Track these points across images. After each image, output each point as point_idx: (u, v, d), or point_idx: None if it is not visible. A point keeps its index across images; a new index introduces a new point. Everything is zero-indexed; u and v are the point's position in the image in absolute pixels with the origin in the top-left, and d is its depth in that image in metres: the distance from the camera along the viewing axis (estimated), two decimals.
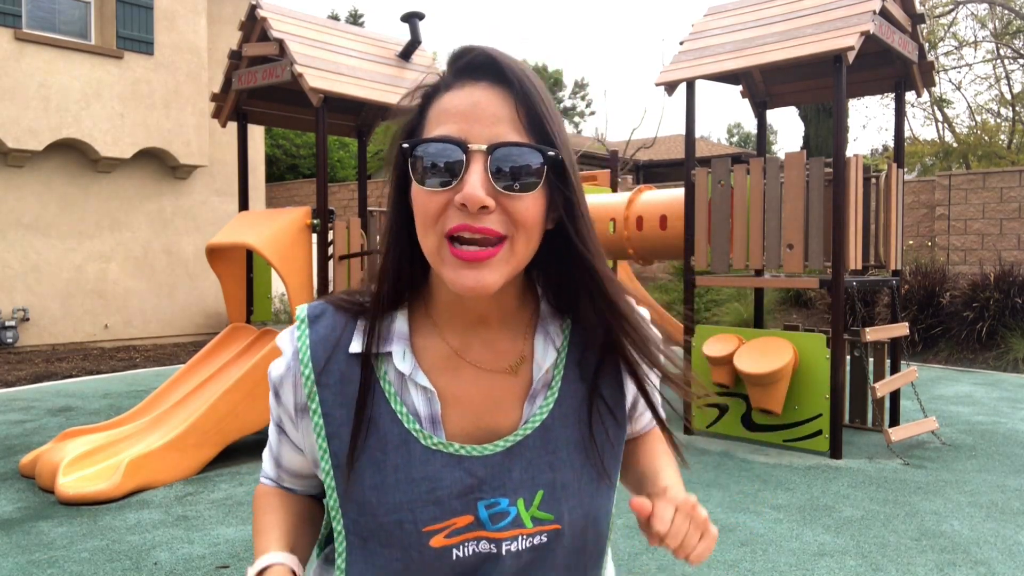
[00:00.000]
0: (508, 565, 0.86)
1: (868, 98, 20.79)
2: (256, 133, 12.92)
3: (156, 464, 4.42)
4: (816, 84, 6.06)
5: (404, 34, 6.14)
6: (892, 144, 12.27)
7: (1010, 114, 19.25)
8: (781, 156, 5.70)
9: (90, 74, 10.33)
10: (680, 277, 11.36)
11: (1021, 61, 18.53)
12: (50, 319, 10.44)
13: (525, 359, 0.91)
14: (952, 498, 4.11)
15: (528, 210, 0.81)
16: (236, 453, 5.01)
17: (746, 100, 6.32)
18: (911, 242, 11.55)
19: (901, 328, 5.27)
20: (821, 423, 4.91)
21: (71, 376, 8.50)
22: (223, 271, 5.78)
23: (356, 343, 0.89)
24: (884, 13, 4.99)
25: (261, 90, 5.79)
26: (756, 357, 4.97)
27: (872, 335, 5.00)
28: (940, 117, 20.02)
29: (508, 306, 0.91)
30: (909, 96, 9.95)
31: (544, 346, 0.92)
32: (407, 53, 6.07)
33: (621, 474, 1.02)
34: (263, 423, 4.94)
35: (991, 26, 18.36)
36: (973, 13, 18.18)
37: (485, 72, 0.83)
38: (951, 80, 23.56)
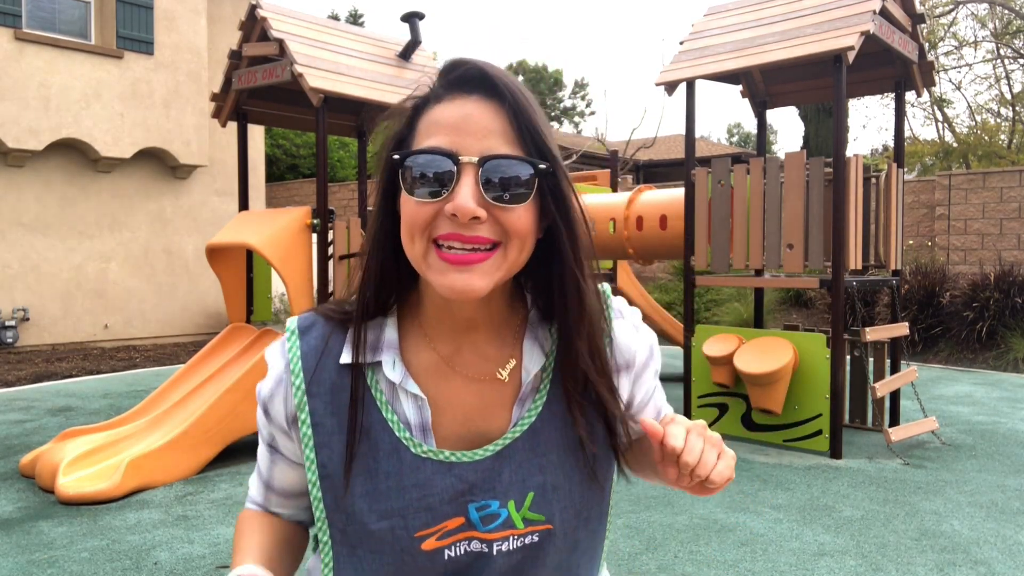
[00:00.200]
0: (499, 564, 0.87)
1: (868, 98, 20.80)
2: (256, 133, 12.92)
3: (156, 464, 4.42)
4: (816, 84, 6.06)
5: (404, 34, 6.15)
6: (892, 144, 12.27)
7: (1010, 114, 19.25)
8: (781, 156, 5.70)
9: (90, 74, 10.33)
10: (680, 277, 11.36)
11: (1021, 61, 18.53)
12: (50, 319, 10.44)
13: (514, 365, 0.91)
14: (952, 498, 4.11)
15: (519, 220, 0.82)
16: (236, 453, 5.01)
17: (746, 100, 6.32)
18: (911, 242, 11.55)
19: (901, 328, 5.27)
20: (821, 423, 4.92)
21: (71, 376, 8.50)
22: (223, 271, 5.78)
23: (346, 353, 0.90)
24: (884, 13, 4.99)
25: (261, 90, 5.79)
26: (756, 357, 4.97)
27: (872, 335, 5.00)
28: (940, 117, 20.04)
29: (497, 312, 0.92)
30: (909, 96, 9.96)
31: (532, 351, 0.92)
32: (407, 53, 6.07)
33: (642, 469, 1.03)
34: None
35: (991, 26, 18.36)
36: (973, 13, 18.19)
37: (477, 85, 0.83)
38: (951, 80, 23.56)
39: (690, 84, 5.52)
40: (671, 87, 5.56)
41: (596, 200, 6.71)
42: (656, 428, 0.82)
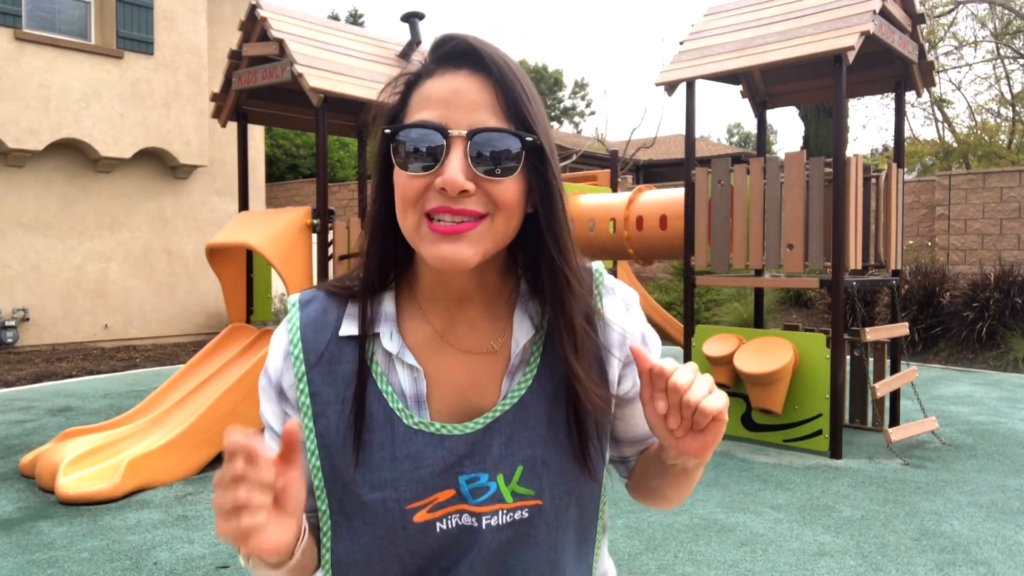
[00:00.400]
0: (488, 539, 0.87)
1: (868, 98, 20.80)
2: (256, 133, 12.92)
3: (156, 464, 4.41)
4: (816, 84, 6.06)
5: (404, 34, 6.15)
6: (892, 144, 12.27)
7: (1010, 114, 19.26)
8: (781, 156, 5.70)
9: (90, 74, 10.33)
10: (680, 277, 11.37)
11: (1021, 61, 18.53)
12: (50, 319, 10.44)
13: (506, 338, 0.92)
14: (952, 498, 4.11)
15: (508, 192, 0.83)
16: None
17: (746, 100, 6.32)
18: (911, 242, 11.55)
19: (901, 328, 5.27)
20: (821, 423, 4.91)
21: (71, 376, 8.50)
22: (223, 271, 5.78)
23: (348, 325, 0.91)
24: (884, 13, 4.99)
25: (261, 90, 5.79)
26: (756, 357, 4.97)
27: (872, 335, 5.00)
28: (940, 117, 20.04)
29: (490, 285, 0.93)
30: (909, 96, 9.96)
31: (522, 323, 0.93)
32: (407, 53, 6.07)
33: (641, 487, 1.02)
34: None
35: (991, 26, 18.37)
36: (973, 13, 18.19)
37: (466, 60, 0.84)
38: (951, 80, 23.57)
39: (690, 84, 5.52)
40: (671, 87, 5.56)
41: (596, 200, 6.71)
42: (645, 354, 0.81)
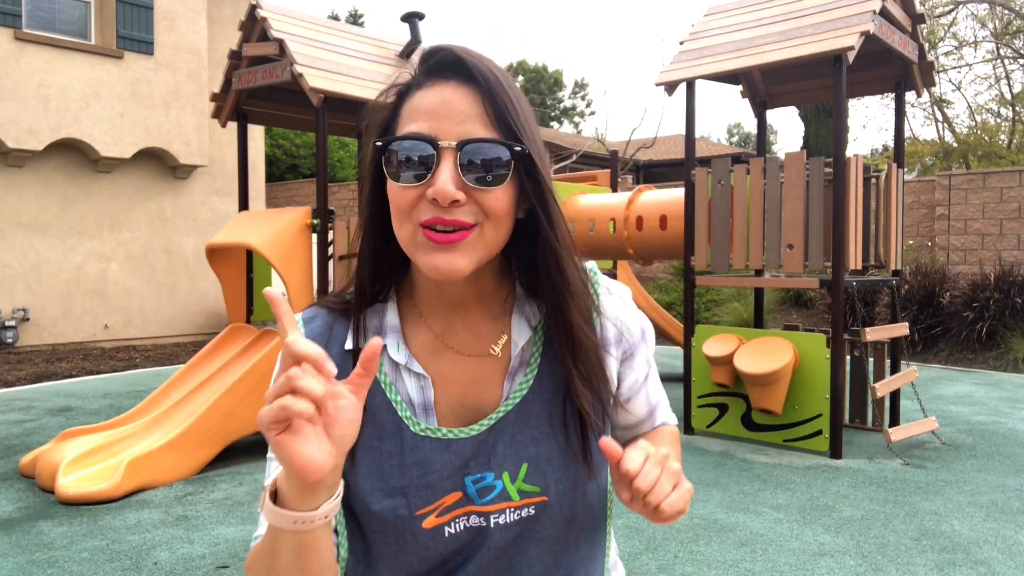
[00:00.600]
0: (497, 538, 0.88)
1: (868, 98, 20.80)
2: (256, 133, 12.92)
3: (156, 464, 4.42)
4: (816, 84, 6.06)
5: (404, 34, 6.15)
6: (892, 144, 12.27)
7: (1010, 114, 19.26)
8: (781, 156, 5.70)
9: (90, 74, 10.33)
10: (680, 277, 11.37)
11: (1021, 61, 18.53)
12: (50, 319, 10.44)
13: (505, 340, 0.94)
14: (952, 498, 4.11)
15: (498, 201, 0.84)
16: (236, 453, 5.01)
17: (746, 100, 6.32)
18: (911, 242, 11.56)
19: (901, 328, 5.27)
20: (821, 423, 4.92)
21: (71, 376, 8.50)
22: (223, 271, 5.78)
23: (350, 340, 0.93)
24: (884, 13, 4.99)
25: (261, 90, 5.79)
26: (756, 357, 4.97)
27: (872, 335, 5.00)
28: (940, 117, 20.05)
29: (485, 289, 0.95)
30: (909, 96, 9.96)
31: (520, 325, 0.95)
32: (407, 53, 6.07)
33: (618, 485, 1.02)
34: None
35: (991, 26, 18.37)
36: (973, 13, 18.20)
37: (454, 71, 0.86)
38: (951, 80, 23.57)
39: (690, 84, 5.52)
40: (671, 87, 5.56)
41: (596, 200, 6.71)
42: (615, 449, 0.82)
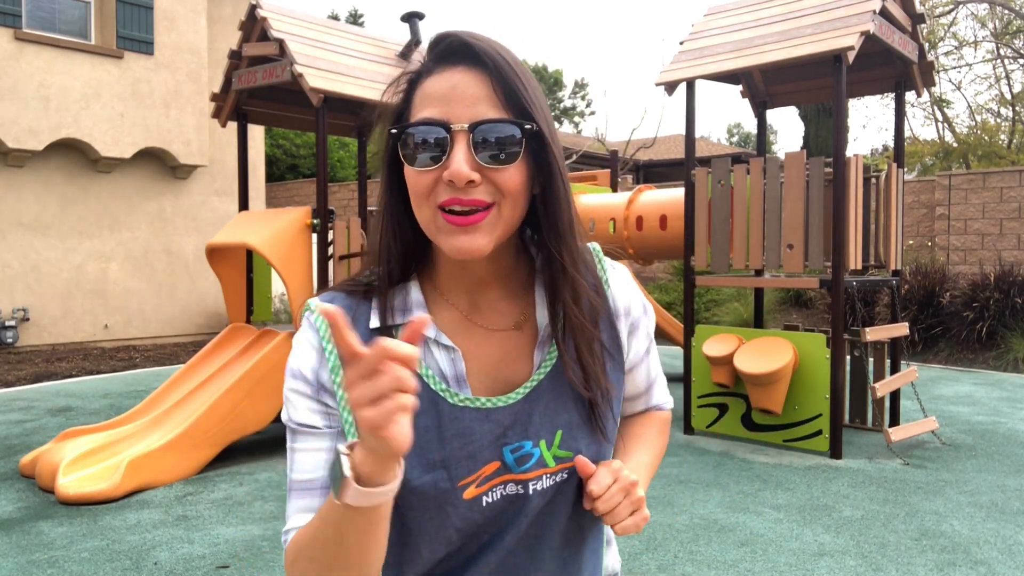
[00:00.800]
0: (536, 504, 0.92)
1: (868, 98, 20.80)
2: (256, 133, 12.92)
3: (156, 464, 4.42)
4: (816, 84, 6.06)
5: (404, 34, 6.15)
6: (892, 144, 12.27)
7: (1010, 114, 19.26)
8: (781, 156, 5.70)
9: (90, 74, 10.33)
10: (680, 277, 11.36)
11: (1021, 61, 18.53)
12: (50, 319, 10.44)
13: (529, 314, 0.97)
14: (952, 498, 4.11)
15: (512, 179, 0.86)
16: (236, 453, 5.01)
17: (746, 100, 6.32)
18: (911, 242, 11.55)
19: (901, 328, 5.27)
20: (821, 423, 4.91)
21: (71, 376, 8.50)
22: (223, 271, 5.78)
23: (375, 318, 0.94)
24: (884, 13, 4.99)
25: (261, 90, 5.79)
26: (756, 357, 4.97)
27: (872, 335, 5.00)
28: (940, 117, 20.04)
29: (505, 267, 0.97)
30: (909, 96, 9.96)
31: (543, 300, 0.97)
32: (407, 53, 6.07)
33: (585, 496, 1.05)
34: (263, 423, 4.94)
35: (991, 26, 18.37)
36: (973, 13, 18.19)
37: (462, 56, 0.88)
38: (951, 80, 23.58)
39: (690, 84, 5.52)
40: (671, 87, 5.56)
41: (596, 200, 6.71)
42: (588, 467, 0.90)
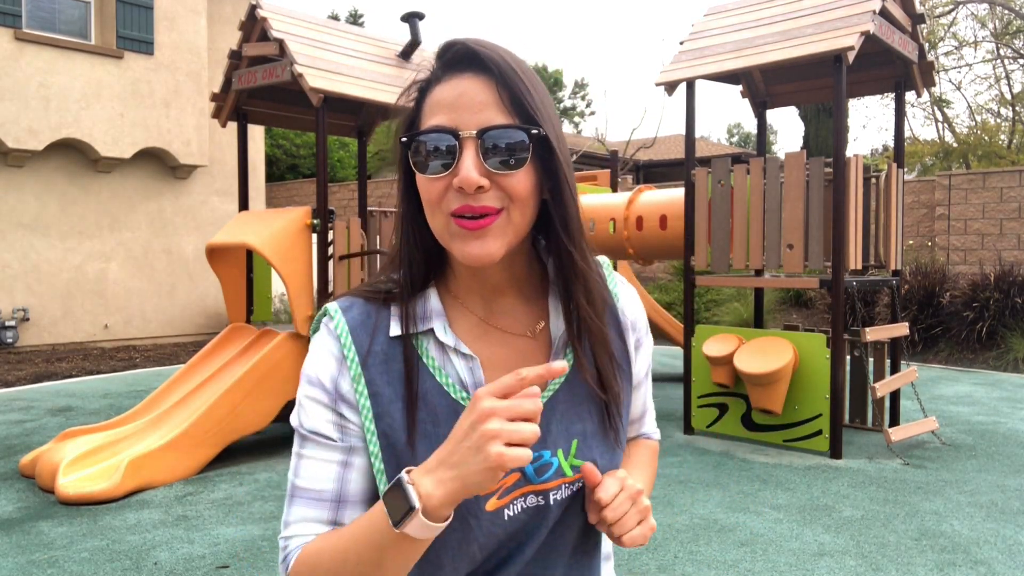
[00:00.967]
0: (555, 515, 0.91)
1: (868, 98, 20.80)
2: (256, 133, 12.92)
3: (156, 464, 4.42)
4: (816, 84, 6.06)
5: (404, 34, 6.15)
6: (892, 144, 12.27)
7: (1010, 114, 19.26)
8: (781, 156, 5.70)
9: (90, 74, 10.33)
10: (680, 277, 11.36)
11: (1021, 61, 18.53)
12: (50, 319, 10.44)
13: (543, 322, 0.97)
14: (952, 498, 4.11)
15: (520, 184, 0.87)
16: (236, 453, 5.01)
17: (746, 100, 6.32)
18: (911, 242, 11.55)
19: (901, 328, 5.27)
20: (821, 423, 4.91)
21: (71, 376, 8.50)
22: (223, 271, 5.78)
23: (395, 326, 0.93)
24: (884, 13, 4.99)
25: (261, 90, 5.79)
26: (756, 357, 4.97)
27: (872, 335, 5.00)
28: (940, 117, 20.05)
29: (519, 274, 0.98)
30: (909, 96, 9.96)
31: (557, 307, 0.98)
32: (407, 53, 6.07)
33: (590, 507, 1.04)
34: (263, 423, 4.94)
35: (991, 26, 18.37)
36: (973, 13, 18.20)
37: (469, 63, 0.89)
38: (951, 80, 23.58)
39: (690, 84, 5.52)
40: (671, 87, 5.56)
41: (596, 200, 6.71)
42: (595, 475, 0.89)
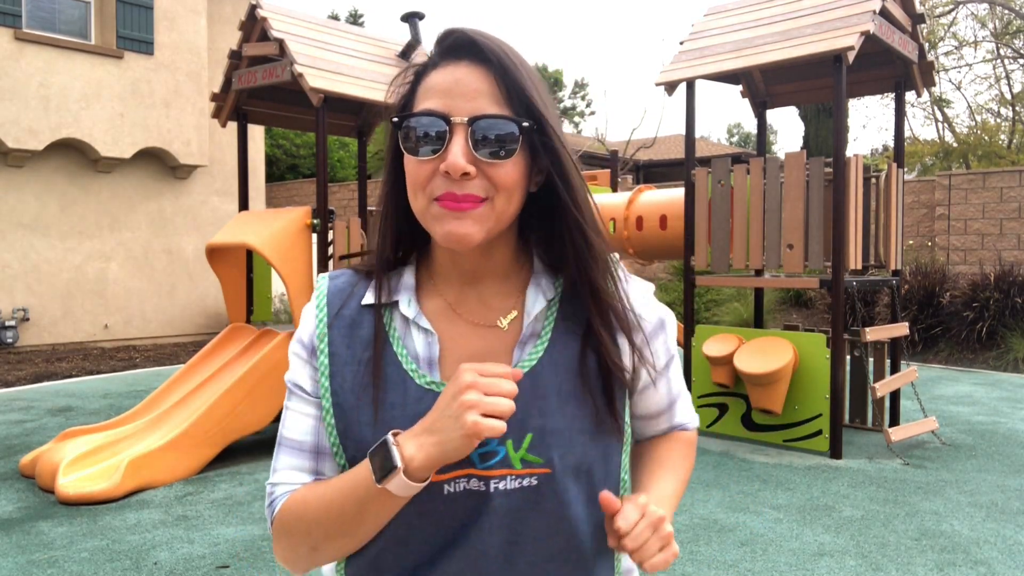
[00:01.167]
0: (498, 504, 0.89)
1: (868, 98, 20.80)
2: (256, 133, 12.92)
3: (156, 464, 4.42)
4: (816, 84, 6.06)
5: (404, 34, 6.15)
6: (892, 144, 12.27)
7: (1010, 114, 19.26)
8: (781, 156, 5.70)
9: (90, 74, 10.33)
10: (680, 277, 11.36)
11: (1021, 61, 18.53)
12: (50, 319, 10.44)
13: (515, 315, 0.97)
14: (952, 498, 4.11)
15: (508, 175, 0.88)
16: (236, 453, 5.01)
17: (746, 100, 6.32)
18: (911, 242, 11.55)
19: (901, 328, 5.27)
20: (821, 423, 4.91)
21: (71, 376, 8.50)
22: (223, 271, 5.78)
23: (370, 295, 0.98)
24: (884, 13, 4.99)
25: (261, 90, 5.79)
26: (756, 357, 4.97)
27: (872, 335, 5.00)
28: (940, 117, 20.05)
29: (501, 265, 0.98)
30: (909, 96, 9.96)
31: (535, 297, 0.97)
32: (407, 53, 6.07)
33: (610, 533, 1.01)
34: (263, 423, 4.94)
35: (991, 26, 18.37)
36: (973, 13, 18.20)
37: (466, 52, 0.90)
38: (951, 80, 23.59)
39: (690, 84, 5.52)
40: (671, 87, 5.56)
41: (596, 200, 6.70)
42: (613, 502, 0.85)
